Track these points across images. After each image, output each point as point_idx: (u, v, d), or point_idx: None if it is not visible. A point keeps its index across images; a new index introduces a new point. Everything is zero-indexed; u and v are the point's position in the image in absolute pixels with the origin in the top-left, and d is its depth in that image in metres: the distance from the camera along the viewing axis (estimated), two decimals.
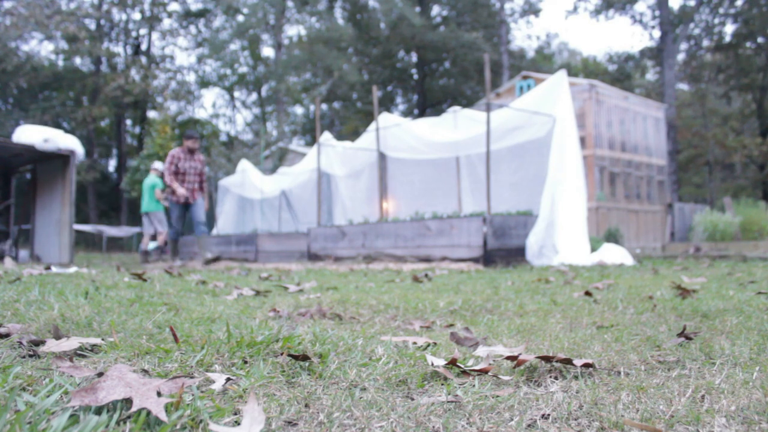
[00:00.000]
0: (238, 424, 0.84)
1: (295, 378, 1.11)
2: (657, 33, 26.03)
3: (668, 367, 1.23)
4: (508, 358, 1.25)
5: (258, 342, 1.32)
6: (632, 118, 14.54)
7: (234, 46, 32.86)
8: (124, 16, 31.93)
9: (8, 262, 5.09)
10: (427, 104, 33.91)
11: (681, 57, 26.59)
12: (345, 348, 1.36)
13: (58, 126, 28.27)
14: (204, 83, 36.01)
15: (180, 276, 4.13)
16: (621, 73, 30.06)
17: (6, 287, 2.59)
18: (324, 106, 34.18)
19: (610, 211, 13.30)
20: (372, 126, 8.88)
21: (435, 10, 33.78)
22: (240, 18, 31.48)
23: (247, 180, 12.16)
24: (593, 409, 0.93)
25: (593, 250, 6.96)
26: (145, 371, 1.10)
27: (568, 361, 1.18)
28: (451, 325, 1.88)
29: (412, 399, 0.99)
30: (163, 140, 20.89)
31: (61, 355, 1.24)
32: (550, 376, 1.15)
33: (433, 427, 0.85)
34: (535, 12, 33.58)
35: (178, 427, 0.80)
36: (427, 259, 6.47)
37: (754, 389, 1.01)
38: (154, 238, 10.60)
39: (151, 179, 9.90)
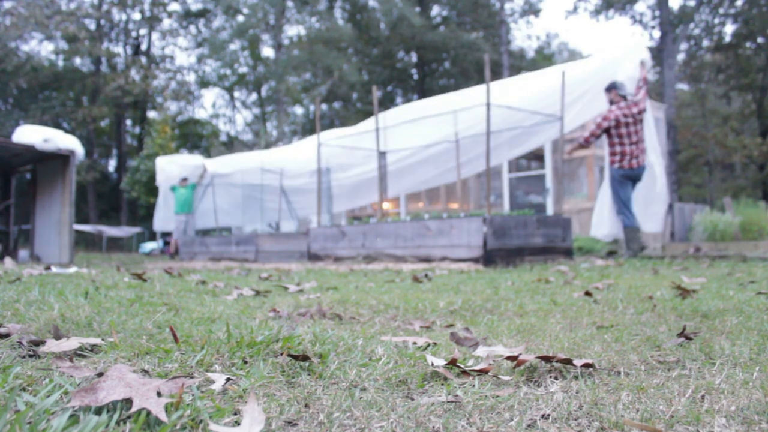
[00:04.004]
0: (238, 424, 0.84)
1: (295, 378, 1.11)
2: (657, 33, 26.02)
3: (668, 367, 1.23)
4: (508, 358, 1.25)
5: (258, 342, 1.32)
6: None
7: (234, 46, 32.86)
8: (124, 16, 31.96)
9: (8, 262, 5.09)
10: None
11: (681, 57, 26.58)
12: (345, 348, 1.36)
13: (58, 126, 28.28)
14: (204, 83, 36.02)
15: (180, 276, 4.14)
16: None
17: (6, 287, 2.59)
18: (324, 106, 34.17)
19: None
20: (368, 126, 8.87)
21: (435, 10, 33.78)
22: (240, 18, 31.49)
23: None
24: (593, 409, 0.93)
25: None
26: (145, 371, 1.10)
27: (568, 361, 1.18)
28: (451, 325, 1.88)
29: (412, 399, 0.99)
30: (163, 140, 20.91)
31: (61, 355, 1.24)
32: (550, 376, 1.15)
33: (433, 427, 0.85)
34: (535, 12, 33.56)
35: (178, 427, 0.80)
36: (427, 259, 6.48)
37: (754, 389, 1.01)
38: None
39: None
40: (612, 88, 6.33)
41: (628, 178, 6.44)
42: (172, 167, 12.50)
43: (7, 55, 24.21)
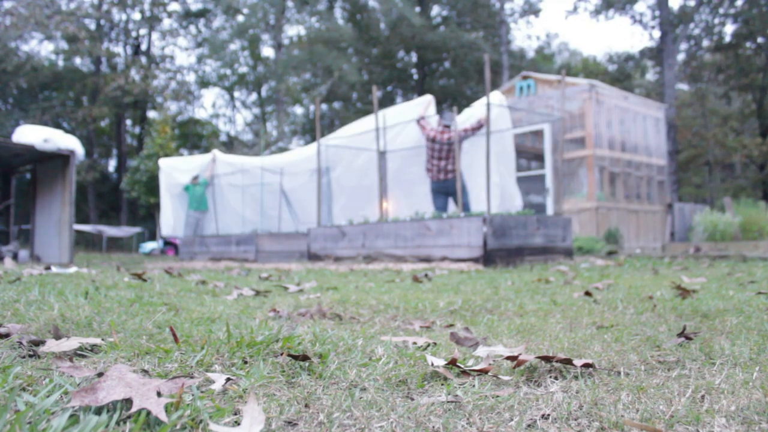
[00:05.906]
0: (238, 424, 0.84)
1: (295, 378, 1.11)
2: (657, 33, 26.04)
3: (668, 367, 1.23)
4: (508, 358, 1.25)
5: (258, 342, 1.32)
6: (632, 118, 14.53)
7: (234, 46, 32.86)
8: (124, 16, 31.94)
9: (8, 262, 5.09)
10: None
11: (681, 57, 26.57)
12: (345, 348, 1.36)
13: (58, 126, 28.27)
14: (204, 83, 36.01)
15: (180, 276, 4.14)
16: (621, 73, 30.06)
17: (6, 287, 2.59)
18: (324, 106, 34.17)
19: (610, 211, 13.29)
20: (368, 125, 8.87)
21: (435, 10, 33.78)
22: (240, 18, 31.48)
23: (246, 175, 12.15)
24: (593, 409, 0.93)
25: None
26: (145, 371, 1.10)
27: (568, 361, 1.18)
28: (451, 325, 1.88)
29: (412, 399, 0.99)
30: (163, 140, 20.90)
31: (61, 355, 1.24)
32: (550, 376, 1.15)
33: (433, 427, 0.85)
34: (535, 12, 33.56)
35: (178, 427, 0.80)
36: (427, 259, 6.48)
37: (754, 389, 1.01)
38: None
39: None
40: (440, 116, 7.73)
41: (436, 189, 7.74)
42: (180, 168, 12.53)
43: (7, 55, 24.21)
